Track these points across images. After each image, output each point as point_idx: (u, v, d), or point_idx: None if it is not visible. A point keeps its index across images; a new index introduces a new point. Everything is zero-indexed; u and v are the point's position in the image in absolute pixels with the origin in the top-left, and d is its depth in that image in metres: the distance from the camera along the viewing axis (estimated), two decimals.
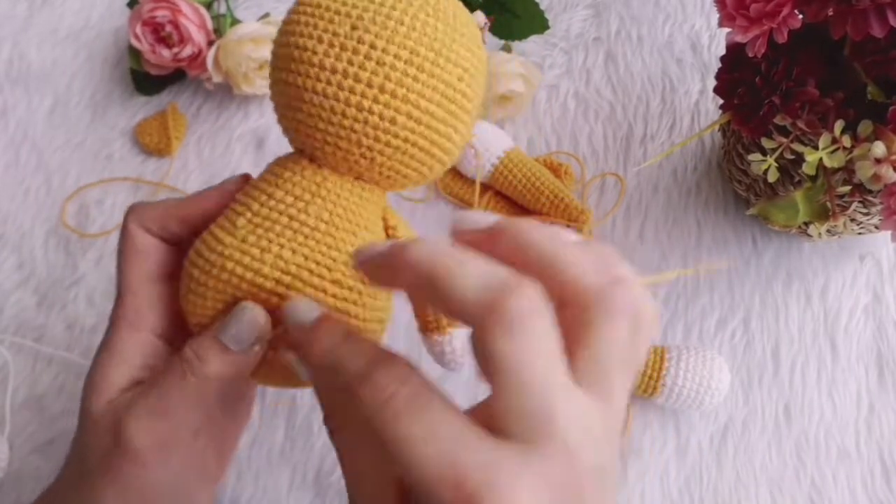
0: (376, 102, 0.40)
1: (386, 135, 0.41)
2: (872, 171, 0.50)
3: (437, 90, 0.41)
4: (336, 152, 0.42)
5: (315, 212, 0.42)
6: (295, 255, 0.41)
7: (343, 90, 0.40)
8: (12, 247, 0.74)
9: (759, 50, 0.52)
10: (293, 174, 0.43)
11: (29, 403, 0.68)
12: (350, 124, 0.40)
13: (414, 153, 0.42)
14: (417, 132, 0.41)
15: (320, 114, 0.41)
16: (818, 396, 0.68)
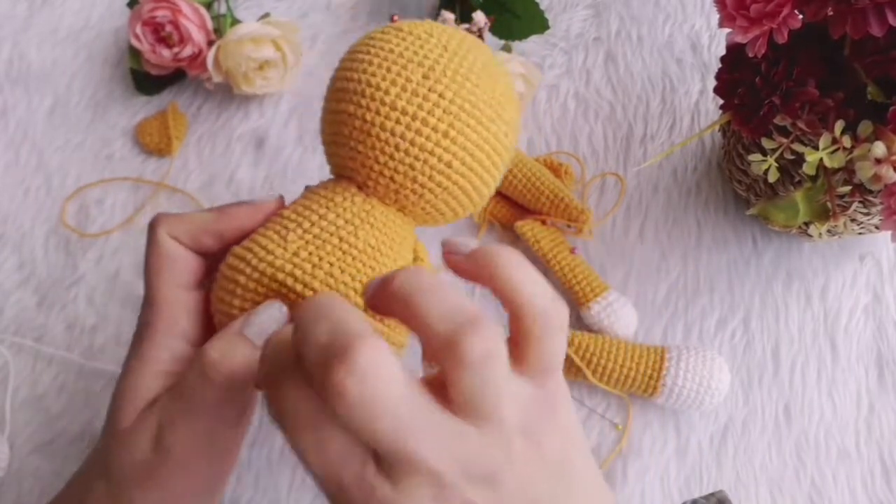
0: (438, 146, 0.44)
1: (440, 175, 0.45)
2: (872, 172, 0.50)
3: (489, 142, 0.45)
4: (390, 185, 0.45)
5: (364, 236, 0.44)
6: (343, 275, 0.43)
7: (410, 131, 0.43)
8: (12, 247, 0.74)
9: (759, 50, 0.52)
10: (344, 199, 0.46)
11: (29, 403, 0.68)
12: (411, 162, 0.44)
13: (457, 195, 0.46)
14: (466, 177, 0.45)
15: (384, 148, 0.44)
16: (818, 396, 0.68)
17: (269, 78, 0.78)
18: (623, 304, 0.69)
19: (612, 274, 0.73)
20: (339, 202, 0.45)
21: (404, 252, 0.47)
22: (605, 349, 0.66)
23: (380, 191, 0.46)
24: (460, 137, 0.44)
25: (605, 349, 0.66)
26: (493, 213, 0.74)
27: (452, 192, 0.46)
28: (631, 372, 0.65)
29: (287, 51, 0.77)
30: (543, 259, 0.70)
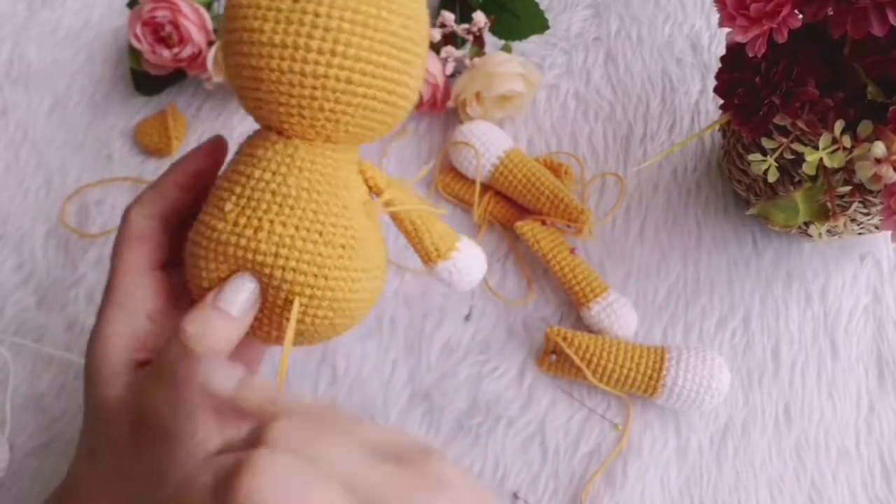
0: (330, 67, 0.42)
1: (345, 95, 0.43)
2: (872, 171, 0.50)
3: (386, 42, 0.43)
4: (302, 121, 0.44)
5: (294, 182, 0.44)
6: (286, 228, 0.44)
7: (297, 62, 0.42)
8: (12, 247, 0.74)
9: (759, 50, 0.52)
10: (266, 151, 0.45)
11: (29, 404, 0.68)
12: (310, 93, 0.43)
13: (375, 106, 0.45)
14: (374, 86, 0.44)
15: (280, 89, 0.43)
16: (818, 396, 0.68)
17: None
18: (623, 304, 0.69)
19: (612, 274, 0.73)
20: (262, 155, 0.45)
21: (348, 181, 0.47)
22: (605, 349, 0.66)
23: (297, 130, 0.45)
24: (350, 50, 0.42)
25: (605, 349, 0.66)
26: (493, 214, 0.74)
27: (368, 106, 0.45)
28: (631, 372, 0.65)
29: None
30: (543, 259, 0.70)
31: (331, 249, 0.44)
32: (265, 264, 0.44)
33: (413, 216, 0.51)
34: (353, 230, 0.46)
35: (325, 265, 0.44)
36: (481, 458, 0.66)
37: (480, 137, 0.74)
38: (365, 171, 0.49)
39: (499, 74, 0.73)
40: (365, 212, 0.48)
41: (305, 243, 0.44)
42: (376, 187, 0.50)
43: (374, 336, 0.70)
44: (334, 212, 0.45)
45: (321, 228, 0.44)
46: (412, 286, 0.72)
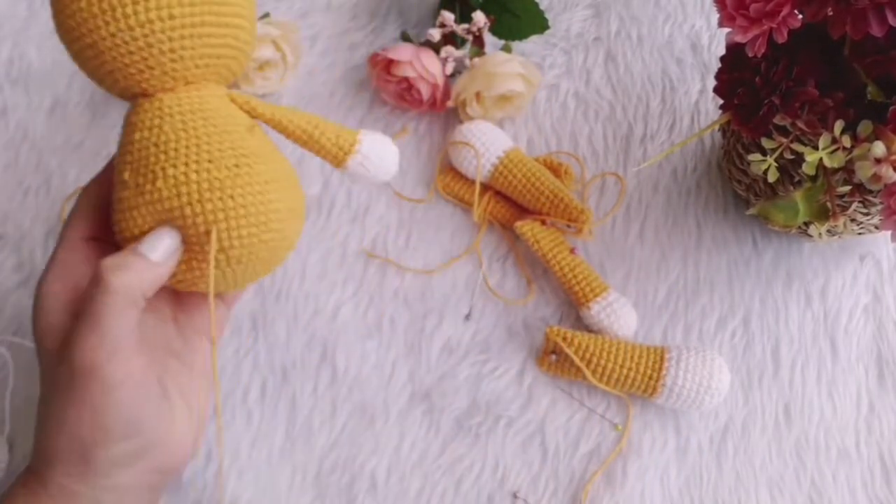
0: (148, 11, 0.44)
1: (174, 31, 0.45)
2: (872, 171, 0.50)
3: None
4: (153, 72, 0.46)
5: (170, 128, 0.46)
6: (177, 167, 0.46)
7: (119, 21, 0.44)
8: (12, 247, 0.74)
9: (758, 50, 0.52)
10: (137, 115, 0.47)
11: (28, 404, 0.68)
12: (144, 42, 0.45)
13: (209, 31, 0.46)
14: (197, 12, 0.45)
15: (120, 52, 0.45)
16: (818, 396, 0.68)
17: (269, 78, 0.78)
18: (623, 304, 0.69)
19: (611, 274, 0.73)
20: (135, 120, 0.47)
21: (220, 110, 0.48)
22: (605, 349, 0.66)
23: (155, 84, 0.47)
24: None
25: (604, 349, 0.66)
26: (493, 214, 0.74)
27: (203, 33, 0.46)
28: (631, 372, 0.65)
29: (287, 51, 0.77)
30: (543, 259, 0.70)
31: (225, 171, 0.46)
32: (173, 208, 0.46)
33: (302, 123, 0.52)
34: (242, 149, 0.47)
35: (225, 185, 0.46)
36: (481, 457, 0.66)
37: (480, 137, 0.74)
38: (237, 100, 0.50)
39: (499, 74, 0.73)
40: (250, 132, 0.49)
41: (200, 174, 0.45)
42: (253, 110, 0.51)
43: (374, 336, 0.70)
44: (216, 139, 0.47)
45: (209, 156, 0.46)
46: (412, 286, 0.72)
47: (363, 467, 0.66)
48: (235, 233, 0.46)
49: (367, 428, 0.67)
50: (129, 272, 0.45)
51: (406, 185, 0.77)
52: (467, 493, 0.65)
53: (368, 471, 0.66)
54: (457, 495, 0.65)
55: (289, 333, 0.71)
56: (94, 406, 0.45)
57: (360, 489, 0.65)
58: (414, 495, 0.65)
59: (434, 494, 0.65)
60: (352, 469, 0.66)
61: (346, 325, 0.71)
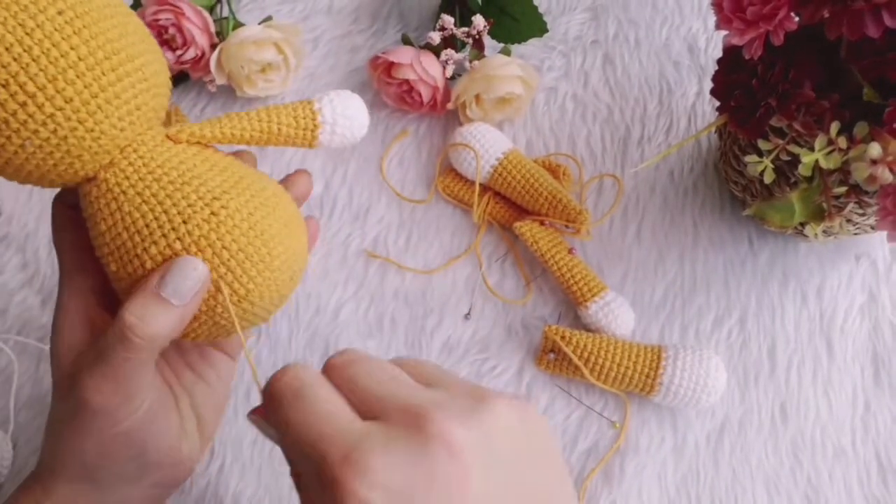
0: (42, 106, 0.39)
1: (79, 111, 0.40)
2: (868, 173, 0.50)
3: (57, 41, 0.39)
4: (83, 160, 0.42)
5: (130, 207, 0.43)
6: (158, 245, 0.43)
7: (18, 130, 0.39)
8: (17, 247, 0.75)
9: (755, 52, 0.53)
10: (91, 205, 0.44)
11: (33, 403, 0.68)
12: (57, 139, 0.40)
13: (116, 91, 0.42)
14: (91, 77, 0.40)
15: (41, 161, 0.41)
16: (814, 395, 0.69)
17: (272, 80, 0.79)
18: (620, 303, 0.69)
19: (609, 274, 0.73)
20: (93, 211, 0.44)
21: (178, 166, 0.44)
22: (603, 348, 0.66)
23: (91, 168, 0.43)
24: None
25: (602, 348, 0.66)
26: (493, 214, 0.75)
27: (115, 98, 0.42)
28: (628, 371, 0.66)
29: (289, 53, 0.77)
30: (542, 259, 0.71)
31: (205, 224, 0.43)
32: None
33: (255, 125, 0.48)
34: (210, 193, 0.44)
35: (211, 239, 0.43)
36: None
37: (480, 139, 0.74)
38: (178, 138, 0.46)
39: (498, 77, 0.74)
40: (210, 171, 0.45)
41: (183, 240, 0.43)
42: (201, 139, 0.47)
43: (374, 335, 0.71)
44: (180, 195, 0.43)
45: (182, 217, 0.43)
46: (412, 286, 0.73)
47: None
48: (244, 278, 0.44)
49: None
50: (153, 324, 0.42)
51: (406, 186, 0.78)
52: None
53: None
54: None
55: (290, 332, 0.71)
56: (103, 439, 0.45)
57: None
58: None
59: None
60: None
61: (347, 324, 0.71)
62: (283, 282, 0.46)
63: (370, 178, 0.78)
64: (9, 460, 0.65)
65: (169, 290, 0.42)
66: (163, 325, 0.42)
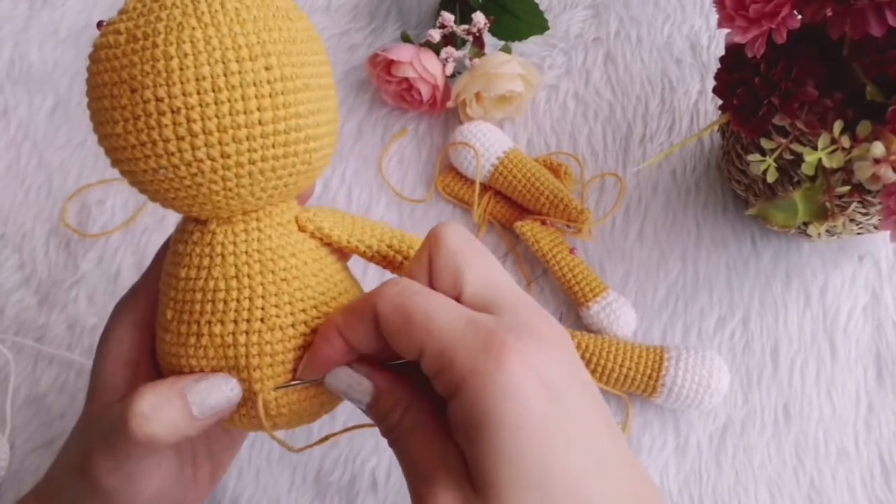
0: (195, 149, 0.37)
1: (227, 170, 0.38)
2: (871, 172, 0.50)
3: (248, 98, 0.37)
4: (203, 207, 0.39)
5: (220, 273, 0.40)
6: (224, 327, 0.40)
7: (160, 157, 0.37)
8: (13, 247, 0.74)
9: (758, 50, 0.52)
10: (185, 245, 0.42)
11: (30, 403, 0.68)
12: (191, 182, 0.38)
13: (272, 164, 0.39)
14: (257, 147, 0.37)
15: (163, 187, 0.38)
16: (817, 396, 0.68)
17: None
18: (622, 304, 0.69)
19: (611, 274, 0.73)
20: (182, 250, 0.42)
21: (283, 248, 0.42)
22: (605, 349, 0.66)
23: (207, 214, 0.40)
24: (210, 122, 0.36)
25: (604, 349, 0.66)
26: (493, 214, 0.74)
27: (266, 165, 0.38)
28: (630, 372, 0.65)
29: None
30: (543, 259, 0.70)
31: (279, 333, 0.40)
32: (216, 368, 0.40)
33: (378, 247, 0.46)
34: (301, 303, 0.41)
35: (276, 351, 0.40)
36: None
37: (480, 138, 0.74)
38: (305, 226, 0.43)
39: (498, 75, 0.73)
40: (317, 272, 0.42)
41: (249, 336, 0.40)
42: (325, 237, 0.44)
43: None
44: (272, 291, 0.40)
45: (262, 314, 0.40)
46: None
47: (363, 466, 0.66)
48: (284, 399, 0.41)
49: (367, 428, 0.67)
50: (160, 423, 0.39)
51: (406, 186, 0.77)
52: None
53: (369, 470, 0.66)
54: None
55: None
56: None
57: (361, 488, 0.65)
58: None
59: None
60: (352, 468, 0.66)
61: None
62: (315, 411, 0.43)
63: (369, 178, 0.77)
64: (5, 461, 0.65)
65: (196, 397, 0.39)
66: (169, 429, 0.39)
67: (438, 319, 0.36)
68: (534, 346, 0.34)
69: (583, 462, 0.33)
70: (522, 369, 0.33)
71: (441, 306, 0.36)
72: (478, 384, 0.33)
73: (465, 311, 0.36)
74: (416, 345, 0.36)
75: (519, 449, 0.32)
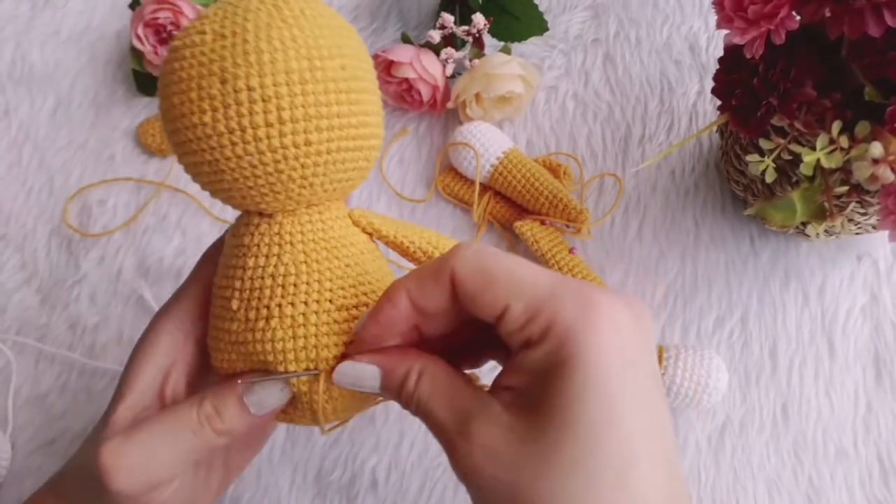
0: (284, 136, 0.39)
1: (308, 157, 0.41)
2: (870, 172, 0.50)
3: (329, 91, 0.40)
4: (277, 197, 0.42)
5: (290, 259, 0.43)
6: (296, 307, 0.42)
7: (250, 143, 0.39)
8: (15, 247, 0.75)
9: (756, 51, 0.52)
10: (252, 237, 0.44)
11: (31, 402, 0.68)
12: (274, 168, 0.40)
13: (343, 156, 0.42)
14: (335, 137, 0.41)
15: (244, 174, 0.40)
16: (816, 396, 0.68)
17: None
18: None
19: (610, 274, 0.73)
20: (249, 242, 0.44)
21: (344, 238, 0.45)
22: None
23: (274, 206, 0.43)
24: (296, 112, 0.40)
25: None
26: (493, 214, 0.75)
27: (337, 158, 0.42)
28: None
29: None
30: (542, 259, 0.71)
31: (345, 313, 0.43)
32: (286, 349, 0.42)
33: (422, 244, 0.49)
34: (364, 286, 0.44)
35: (343, 330, 0.43)
36: None
37: (480, 138, 0.74)
38: (358, 221, 0.47)
39: (498, 76, 0.73)
40: (372, 261, 0.46)
41: (319, 315, 0.42)
42: (375, 232, 0.48)
43: None
44: (339, 274, 0.43)
45: (331, 295, 0.43)
46: None
47: (364, 466, 0.66)
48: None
49: (368, 426, 0.67)
50: (228, 424, 0.42)
51: (406, 186, 0.77)
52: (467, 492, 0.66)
53: (369, 469, 0.66)
54: (457, 493, 0.65)
55: None
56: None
57: (361, 487, 0.66)
58: (414, 493, 0.65)
59: (434, 492, 0.65)
60: (352, 467, 0.66)
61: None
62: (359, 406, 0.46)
63: (370, 178, 0.78)
64: (7, 460, 0.65)
65: (252, 399, 0.42)
66: (232, 426, 0.42)
67: (524, 278, 0.37)
68: (621, 310, 0.37)
69: (642, 425, 0.35)
70: (611, 328, 0.36)
71: (524, 265, 0.38)
72: (571, 336, 0.35)
73: (545, 271, 0.38)
74: (500, 302, 0.37)
75: (595, 394, 0.34)
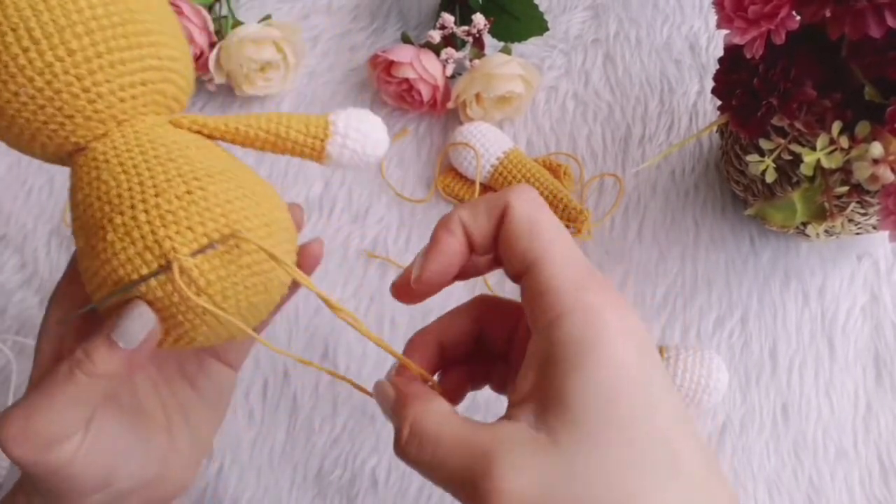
0: (42, 55, 0.38)
1: (78, 67, 0.39)
2: (870, 172, 0.50)
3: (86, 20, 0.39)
4: (75, 122, 0.40)
5: (108, 175, 0.41)
6: (124, 216, 0.39)
7: (14, 75, 0.38)
8: (15, 247, 0.75)
9: (757, 51, 0.52)
10: (75, 175, 0.42)
11: None
12: (52, 91, 0.39)
13: (120, 56, 0.40)
14: (99, 39, 0.39)
15: (29, 110, 0.39)
16: (816, 396, 0.68)
17: (271, 79, 0.78)
18: None
19: (610, 274, 0.73)
20: (75, 180, 0.42)
21: (169, 145, 0.42)
22: None
23: (83, 136, 0.41)
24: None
25: None
26: None
27: (119, 64, 0.40)
28: None
29: (288, 52, 0.77)
30: None
31: (176, 201, 0.39)
32: (130, 257, 0.39)
33: (264, 125, 0.46)
34: (192, 172, 0.41)
35: (179, 217, 0.39)
36: None
37: (480, 138, 0.74)
38: (182, 123, 0.44)
39: (498, 76, 0.73)
40: (197, 149, 0.43)
41: (149, 212, 0.39)
42: (204, 128, 0.45)
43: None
44: (161, 170, 0.40)
45: (155, 191, 0.39)
46: None
47: (364, 466, 0.66)
48: (207, 266, 0.39)
49: (368, 426, 0.67)
50: (101, 364, 0.40)
51: (406, 186, 0.77)
52: None
53: (369, 469, 0.66)
54: None
55: (290, 333, 0.71)
56: (49, 486, 0.43)
57: (361, 487, 0.66)
58: (414, 493, 0.65)
59: (434, 492, 0.65)
60: (352, 468, 0.66)
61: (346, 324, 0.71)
62: (255, 284, 0.42)
63: (370, 178, 0.78)
64: (7, 461, 0.65)
65: (119, 333, 0.39)
66: (107, 365, 0.40)
67: (563, 244, 0.37)
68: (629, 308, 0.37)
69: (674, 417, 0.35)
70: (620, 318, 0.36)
71: (566, 232, 0.38)
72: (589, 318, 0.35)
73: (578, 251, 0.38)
74: (533, 256, 0.37)
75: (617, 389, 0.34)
